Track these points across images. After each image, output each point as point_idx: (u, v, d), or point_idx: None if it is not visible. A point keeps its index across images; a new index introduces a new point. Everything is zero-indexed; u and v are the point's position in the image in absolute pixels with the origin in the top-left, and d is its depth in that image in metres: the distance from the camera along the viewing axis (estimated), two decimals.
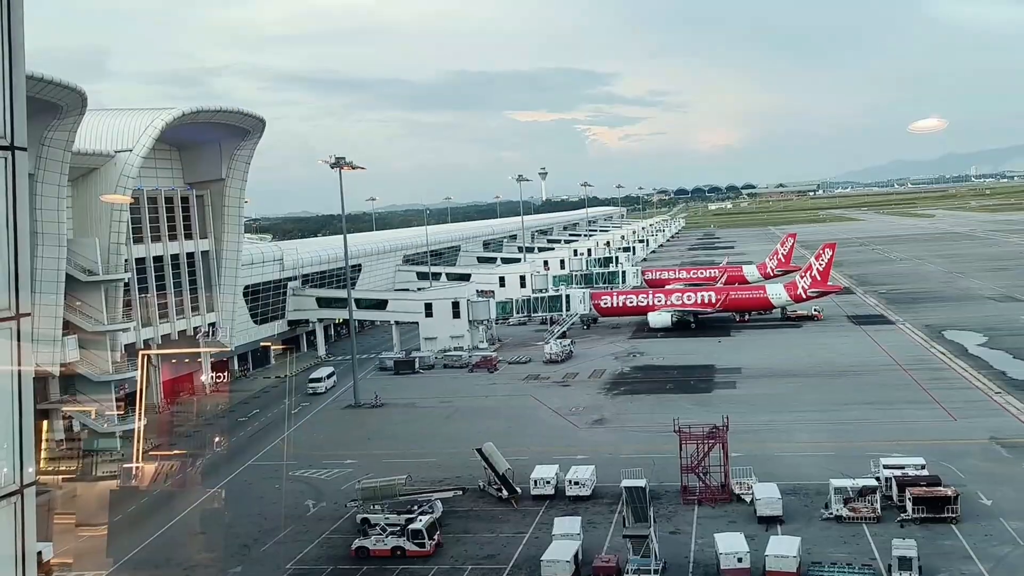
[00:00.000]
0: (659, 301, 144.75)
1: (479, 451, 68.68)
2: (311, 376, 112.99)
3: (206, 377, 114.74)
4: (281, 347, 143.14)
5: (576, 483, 65.35)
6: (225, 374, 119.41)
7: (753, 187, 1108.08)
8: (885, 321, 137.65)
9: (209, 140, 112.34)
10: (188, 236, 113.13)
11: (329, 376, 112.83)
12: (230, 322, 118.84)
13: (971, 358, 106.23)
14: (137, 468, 76.55)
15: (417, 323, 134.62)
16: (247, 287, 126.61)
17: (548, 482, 66.12)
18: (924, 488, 58.11)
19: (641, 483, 59.16)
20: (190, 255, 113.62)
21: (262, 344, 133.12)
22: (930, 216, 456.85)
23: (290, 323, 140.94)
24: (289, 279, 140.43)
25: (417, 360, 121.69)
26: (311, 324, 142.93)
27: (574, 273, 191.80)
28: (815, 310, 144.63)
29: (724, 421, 67.11)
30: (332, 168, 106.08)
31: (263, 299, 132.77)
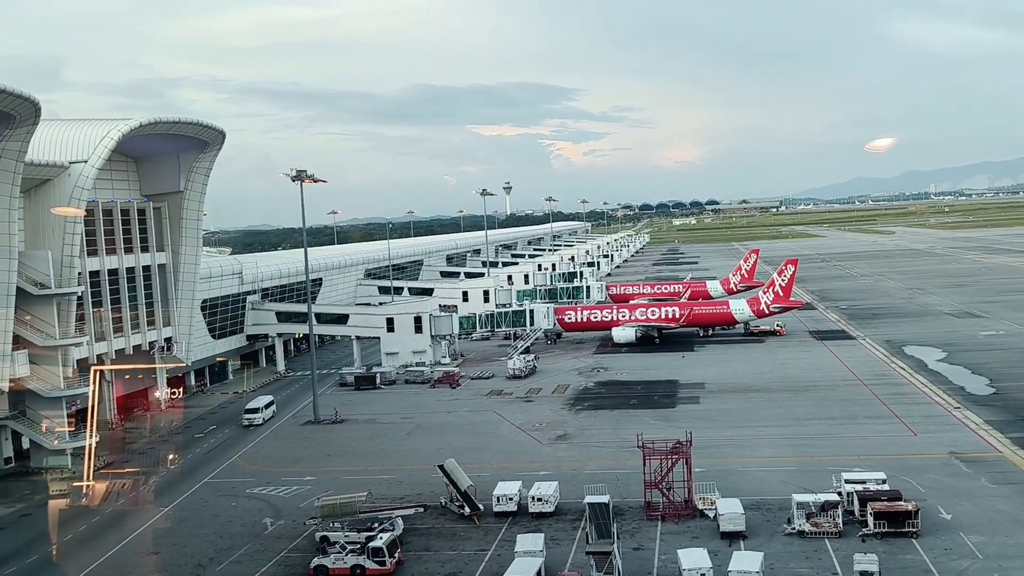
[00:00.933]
0: (623, 316, 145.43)
1: (441, 467, 68.28)
2: (246, 406, 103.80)
3: (161, 393, 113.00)
4: (239, 362, 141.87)
5: (539, 499, 65.14)
6: (181, 390, 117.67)
7: (717, 203, 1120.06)
8: (846, 336, 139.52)
9: (167, 152, 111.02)
10: (144, 249, 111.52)
11: (267, 406, 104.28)
12: (187, 337, 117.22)
13: (931, 373, 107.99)
14: (88, 486, 75.15)
15: (379, 338, 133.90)
16: (205, 301, 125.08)
17: (511, 499, 65.84)
18: (885, 503, 58.78)
19: (604, 499, 59.20)
20: (146, 268, 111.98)
21: (218, 359, 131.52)
22: (890, 233, 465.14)
23: (249, 338, 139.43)
24: (248, 293, 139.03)
25: (378, 375, 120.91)
26: (270, 339, 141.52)
27: (538, 288, 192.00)
28: (777, 325, 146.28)
29: (688, 436, 67.42)
30: (293, 181, 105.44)
31: (221, 313, 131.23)
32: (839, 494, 61.77)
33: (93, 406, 79.82)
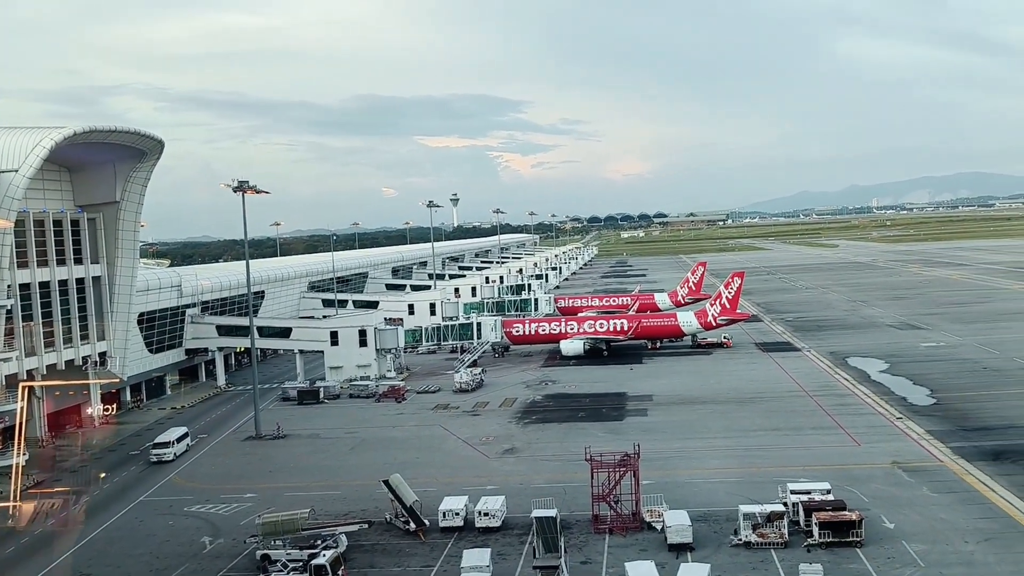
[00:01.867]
0: (572, 329, 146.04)
1: (386, 483, 67.70)
2: (156, 440, 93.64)
3: (95, 409, 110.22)
4: (178, 377, 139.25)
5: (486, 514, 64.88)
6: (115, 406, 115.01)
7: (665, 216, 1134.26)
8: (791, 348, 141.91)
9: (103, 161, 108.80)
10: (78, 261, 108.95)
11: (180, 439, 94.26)
12: (122, 351, 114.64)
13: (874, 384, 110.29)
14: (15, 507, 72.88)
15: (322, 352, 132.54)
16: (142, 314, 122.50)
17: (457, 513, 65.47)
18: (830, 513, 59.76)
19: (552, 513, 59.25)
20: (80, 280, 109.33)
21: (155, 374, 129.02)
22: (834, 246, 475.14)
23: (188, 352, 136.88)
24: (188, 306, 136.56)
25: (322, 390, 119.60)
26: (210, 353, 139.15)
27: (486, 301, 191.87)
28: (724, 337, 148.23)
29: (635, 449, 67.87)
30: (235, 192, 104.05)
31: (159, 327, 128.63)
32: (785, 504, 62.64)
33: (21, 423, 77.44)
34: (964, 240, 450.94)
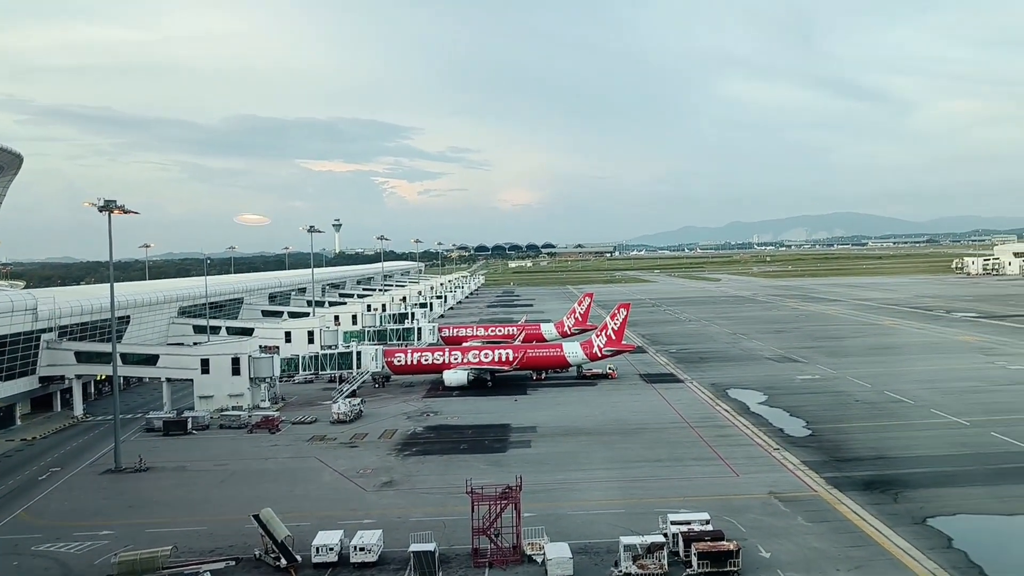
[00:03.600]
0: (455, 359, 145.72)
1: (256, 517, 65.67)
2: None
3: None
4: (31, 407, 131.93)
5: (362, 549, 63.65)
6: None
7: (553, 246, 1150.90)
8: (675, 380, 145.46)
9: None
10: None
11: None
12: None
13: (752, 415, 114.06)
14: None
15: (192, 380, 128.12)
16: None
17: (331, 548, 64.03)
18: (708, 543, 61.23)
19: (430, 547, 58.70)
20: None
21: (3, 403, 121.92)
22: (716, 280, 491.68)
23: (42, 379, 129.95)
24: (43, 331, 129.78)
25: (190, 420, 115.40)
26: (68, 381, 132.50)
27: (367, 329, 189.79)
28: (609, 368, 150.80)
29: (517, 481, 68.02)
30: (101, 212, 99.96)
31: (10, 353, 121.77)
32: (665, 535, 63.85)
33: None
34: (839, 277, 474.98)
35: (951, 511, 71.92)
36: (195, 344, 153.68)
